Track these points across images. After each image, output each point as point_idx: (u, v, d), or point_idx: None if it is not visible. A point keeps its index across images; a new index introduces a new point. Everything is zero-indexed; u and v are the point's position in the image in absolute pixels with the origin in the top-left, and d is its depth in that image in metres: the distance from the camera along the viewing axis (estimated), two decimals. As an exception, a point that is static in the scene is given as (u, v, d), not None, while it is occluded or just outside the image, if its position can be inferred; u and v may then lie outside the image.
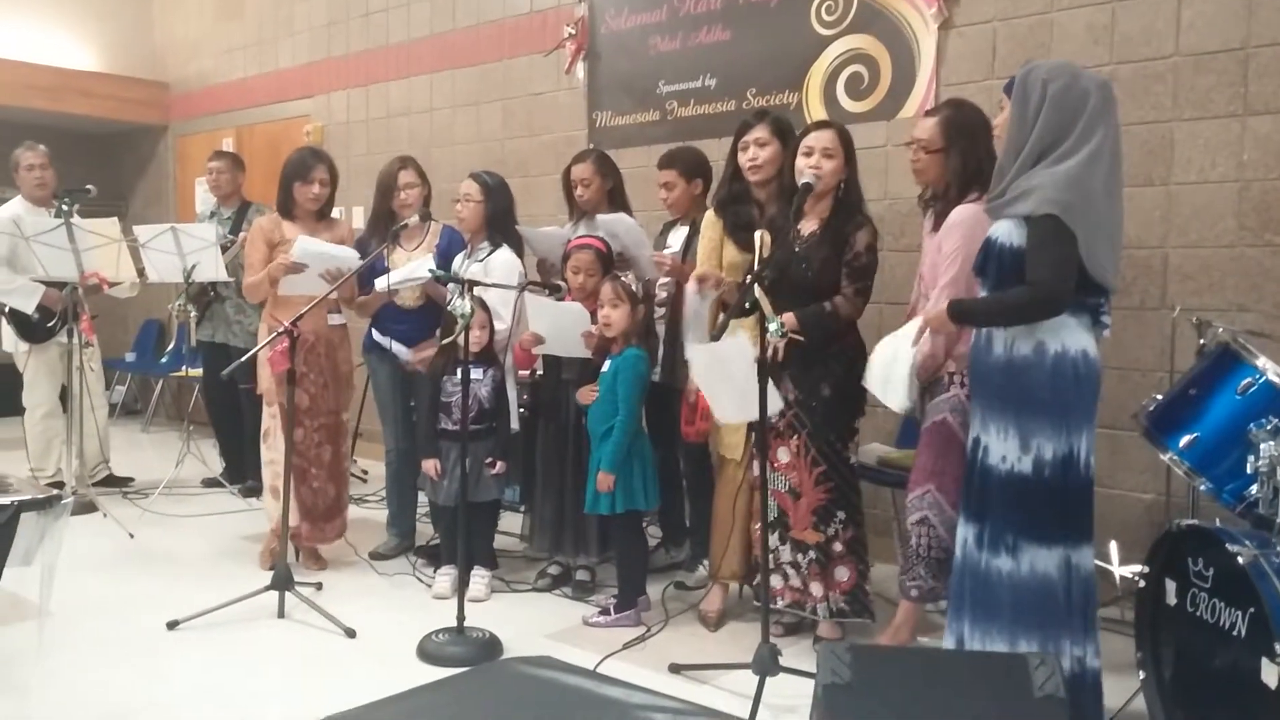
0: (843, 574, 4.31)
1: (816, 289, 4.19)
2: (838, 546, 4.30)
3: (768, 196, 4.55)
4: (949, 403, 4.03)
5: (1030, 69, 3.39)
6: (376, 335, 5.47)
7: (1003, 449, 3.40)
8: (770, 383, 3.73)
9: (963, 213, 3.94)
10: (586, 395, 4.72)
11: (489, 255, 5.19)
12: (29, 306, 6.51)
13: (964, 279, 3.84)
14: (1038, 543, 3.36)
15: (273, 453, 5.26)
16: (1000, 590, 3.43)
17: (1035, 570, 3.36)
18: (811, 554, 4.33)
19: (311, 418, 5.25)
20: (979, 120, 4.07)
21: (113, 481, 7.18)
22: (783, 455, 4.34)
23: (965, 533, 3.56)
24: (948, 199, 4.08)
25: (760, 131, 4.52)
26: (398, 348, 5.36)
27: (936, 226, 4.12)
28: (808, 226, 4.31)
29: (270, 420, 5.27)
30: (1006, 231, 3.34)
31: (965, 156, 4.00)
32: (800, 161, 4.21)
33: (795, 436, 4.31)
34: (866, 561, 4.38)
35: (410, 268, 5.17)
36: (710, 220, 4.67)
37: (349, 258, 5.10)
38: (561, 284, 4.87)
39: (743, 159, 4.54)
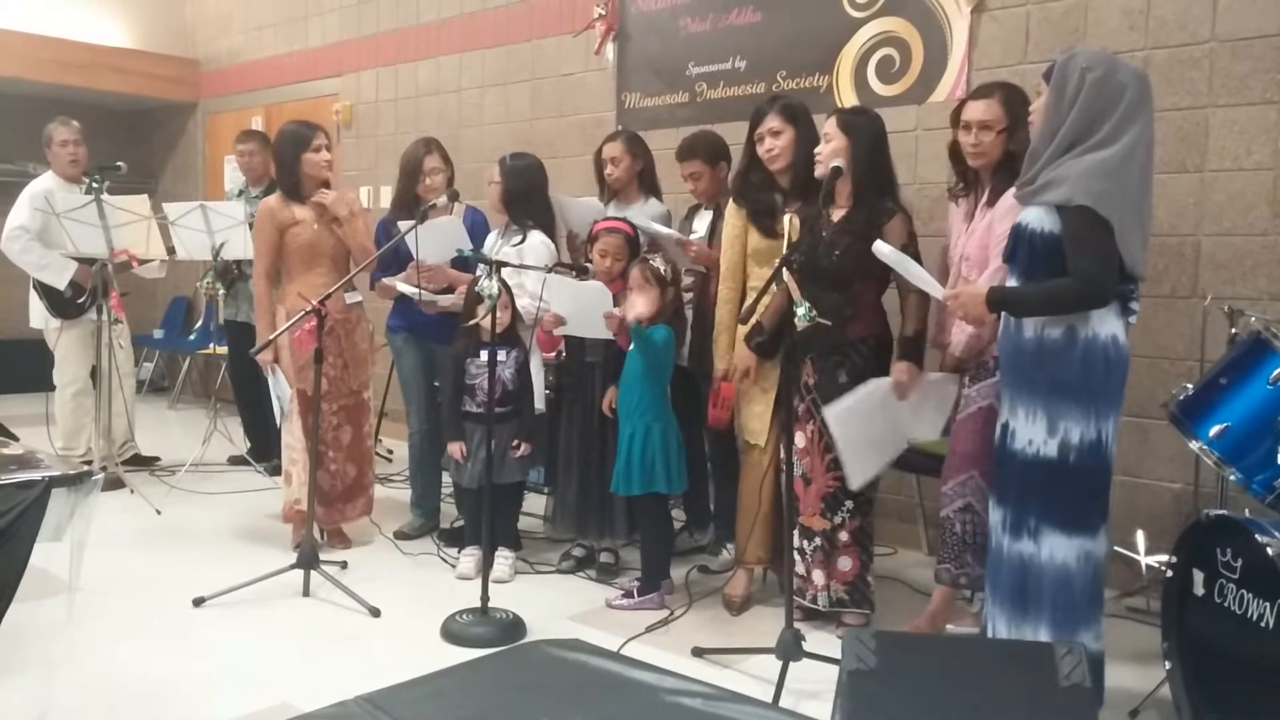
0: (845, 563, 4.30)
1: (840, 276, 4.14)
2: (843, 536, 4.29)
3: (789, 183, 4.53)
4: (994, 388, 3.95)
5: (1071, 55, 3.35)
6: (397, 283, 5.35)
7: (1029, 432, 3.41)
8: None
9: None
10: (609, 406, 4.78)
11: (523, 240, 5.18)
12: (61, 282, 6.54)
13: None
14: (1059, 529, 3.38)
15: (290, 436, 5.27)
16: (1017, 575, 3.46)
17: (1054, 558, 3.38)
18: (817, 540, 4.33)
19: (330, 400, 5.21)
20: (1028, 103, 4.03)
21: (139, 461, 7.19)
22: (798, 440, 4.33)
23: (995, 518, 3.58)
24: (1008, 174, 3.95)
25: (773, 121, 4.45)
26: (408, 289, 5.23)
27: (991, 202, 4.05)
28: (837, 212, 4.28)
29: (291, 403, 5.25)
30: (1037, 218, 3.34)
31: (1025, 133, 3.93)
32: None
33: (811, 422, 4.29)
34: (870, 552, 4.36)
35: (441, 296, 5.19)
36: (732, 210, 4.62)
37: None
38: (589, 265, 4.85)
39: (760, 150, 4.50)
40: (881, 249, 3.76)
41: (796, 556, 4.35)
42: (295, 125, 5.36)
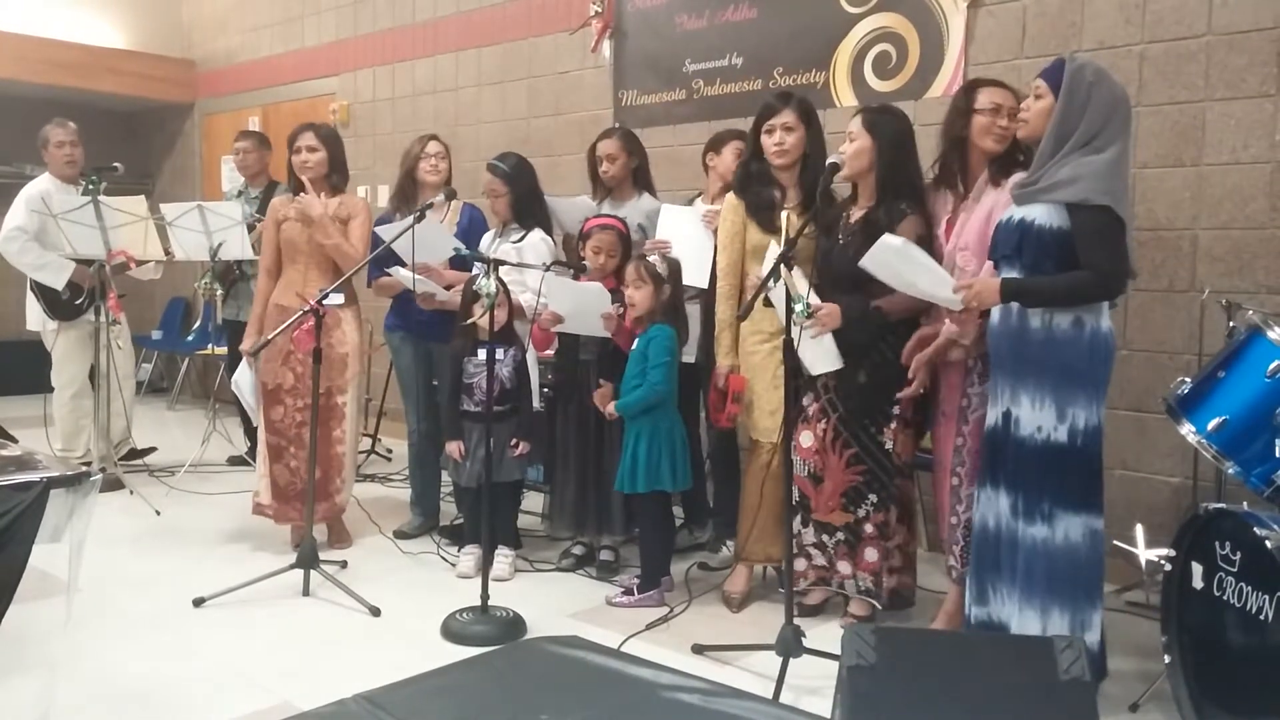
0: (871, 554, 4.30)
1: (855, 280, 4.10)
2: (868, 528, 4.29)
3: (790, 180, 4.52)
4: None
5: (1081, 65, 3.47)
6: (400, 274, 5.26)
7: (1037, 419, 3.51)
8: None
9: None
10: (603, 400, 4.72)
11: (522, 238, 5.17)
12: (59, 283, 6.54)
13: None
14: (1071, 510, 3.50)
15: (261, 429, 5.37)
16: (1034, 559, 3.53)
17: (1069, 538, 3.50)
18: (839, 535, 4.33)
19: (295, 397, 5.22)
20: None
21: (134, 454, 7.20)
22: (805, 440, 4.33)
23: (995, 504, 3.64)
24: (1005, 162, 3.96)
25: (787, 116, 4.44)
26: (404, 274, 5.13)
27: (996, 182, 3.96)
28: (856, 213, 4.27)
29: (257, 396, 5.29)
30: (1045, 215, 3.45)
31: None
32: None
33: (823, 421, 4.28)
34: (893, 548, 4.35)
35: (432, 287, 5.17)
36: (731, 204, 4.59)
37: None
38: (585, 264, 4.84)
39: (768, 142, 4.48)
40: (891, 244, 3.71)
41: (816, 551, 4.40)
42: (296, 128, 5.41)
